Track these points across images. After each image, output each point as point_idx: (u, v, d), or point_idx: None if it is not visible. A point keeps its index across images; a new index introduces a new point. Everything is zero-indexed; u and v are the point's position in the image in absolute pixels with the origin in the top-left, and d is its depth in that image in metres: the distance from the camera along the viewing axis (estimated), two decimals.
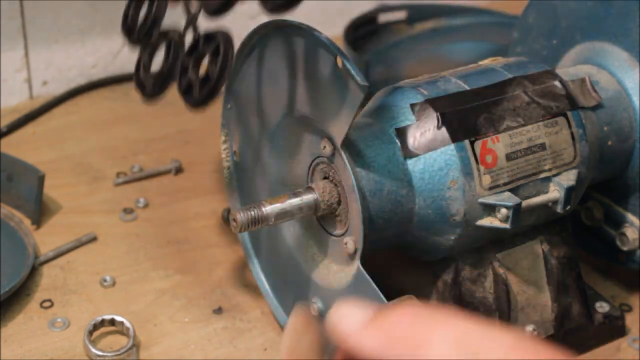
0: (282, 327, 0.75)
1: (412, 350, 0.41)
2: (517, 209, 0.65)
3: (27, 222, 0.86)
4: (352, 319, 0.43)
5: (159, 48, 0.67)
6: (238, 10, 0.62)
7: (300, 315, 0.47)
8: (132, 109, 1.05)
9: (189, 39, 0.65)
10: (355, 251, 0.64)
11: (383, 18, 1.17)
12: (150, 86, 0.66)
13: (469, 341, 0.41)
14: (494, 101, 0.67)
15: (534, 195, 0.68)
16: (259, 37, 0.68)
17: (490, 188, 0.65)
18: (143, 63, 0.67)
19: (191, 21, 0.65)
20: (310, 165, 0.66)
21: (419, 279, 0.71)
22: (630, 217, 0.77)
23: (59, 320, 0.76)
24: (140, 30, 0.68)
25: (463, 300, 0.69)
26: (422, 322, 0.42)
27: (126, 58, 1.10)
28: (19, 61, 1.04)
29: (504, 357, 0.40)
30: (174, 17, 0.68)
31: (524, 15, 0.84)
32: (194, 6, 0.64)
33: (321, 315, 0.68)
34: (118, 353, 0.72)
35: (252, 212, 0.63)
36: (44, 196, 0.87)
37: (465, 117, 0.66)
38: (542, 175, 0.68)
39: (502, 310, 0.69)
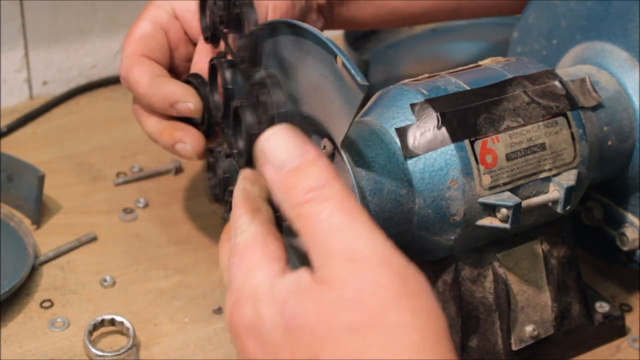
0: None
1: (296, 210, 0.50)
2: (517, 209, 0.65)
3: (27, 222, 0.86)
4: (276, 158, 0.51)
5: None
6: None
7: (249, 170, 0.57)
8: (132, 108, 1.05)
9: None
10: None
11: None
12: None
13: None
14: (494, 101, 0.67)
15: (534, 195, 0.68)
16: (261, 36, 0.68)
17: (490, 188, 0.65)
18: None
19: None
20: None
21: None
22: (630, 217, 0.77)
23: (59, 320, 0.76)
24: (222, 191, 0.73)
25: (463, 300, 0.69)
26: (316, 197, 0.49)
27: None
28: (19, 61, 1.04)
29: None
30: None
31: (524, 15, 0.84)
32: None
33: None
34: (118, 353, 0.72)
35: None
36: (44, 196, 0.87)
37: (465, 117, 0.66)
38: (542, 175, 0.68)
39: (502, 310, 0.69)
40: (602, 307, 0.77)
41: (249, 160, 0.65)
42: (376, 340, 0.46)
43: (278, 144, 0.51)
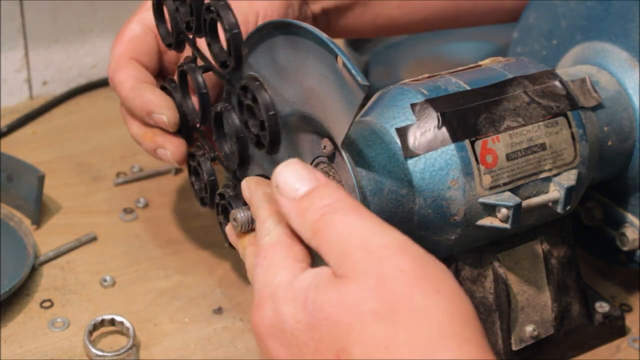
0: None
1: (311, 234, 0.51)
2: (517, 209, 0.65)
3: (27, 222, 0.86)
4: (289, 187, 0.52)
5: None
6: None
7: (251, 178, 0.60)
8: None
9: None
10: None
11: None
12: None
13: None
14: (494, 101, 0.67)
15: (534, 195, 0.68)
16: (259, 37, 0.68)
17: (491, 188, 0.65)
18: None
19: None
20: (311, 164, 0.66)
21: None
22: (630, 217, 0.77)
23: (59, 320, 0.76)
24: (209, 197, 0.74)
25: None
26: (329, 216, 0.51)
27: None
28: (19, 61, 1.04)
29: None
30: None
31: (524, 15, 0.84)
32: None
33: None
34: (118, 353, 0.72)
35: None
36: (44, 196, 0.87)
37: (466, 117, 0.66)
38: (543, 175, 0.68)
39: (502, 310, 0.69)
40: (602, 307, 0.77)
41: (242, 163, 0.66)
42: (404, 324, 0.46)
43: (289, 175, 0.53)
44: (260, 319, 0.51)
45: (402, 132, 0.65)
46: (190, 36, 0.70)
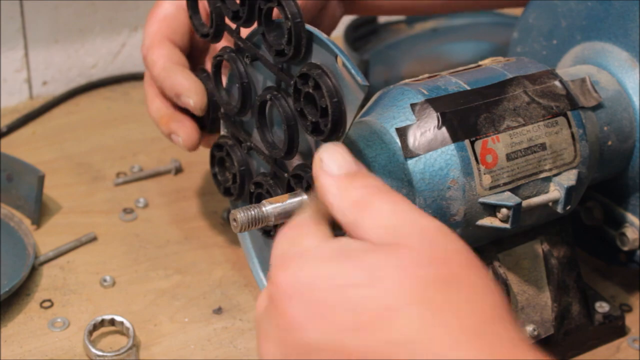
0: None
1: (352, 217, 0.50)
2: (517, 209, 0.65)
3: (27, 222, 0.86)
4: (331, 166, 0.52)
5: None
6: None
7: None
8: (132, 109, 1.05)
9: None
10: None
11: (383, 18, 1.17)
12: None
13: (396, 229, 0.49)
14: (494, 101, 0.67)
15: (534, 195, 0.68)
16: (259, 37, 0.68)
17: (491, 188, 0.65)
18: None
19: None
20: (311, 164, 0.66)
21: None
22: (630, 217, 0.77)
23: (58, 320, 0.76)
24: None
25: None
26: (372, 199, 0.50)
27: (126, 58, 1.10)
28: (18, 61, 1.04)
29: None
30: None
31: (524, 15, 0.84)
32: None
33: None
34: (118, 353, 0.72)
35: (252, 212, 0.63)
36: (44, 196, 0.87)
37: (466, 117, 0.66)
38: (543, 175, 0.68)
39: None
40: (602, 307, 0.77)
41: (288, 152, 0.65)
42: (465, 294, 0.46)
43: (336, 153, 0.53)
44: (285, 278, 0.49)
45: (402, 132, 0.65)
46: (234, 26, 0.70)
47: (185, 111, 0.77)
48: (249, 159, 0.74)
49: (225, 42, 0.74)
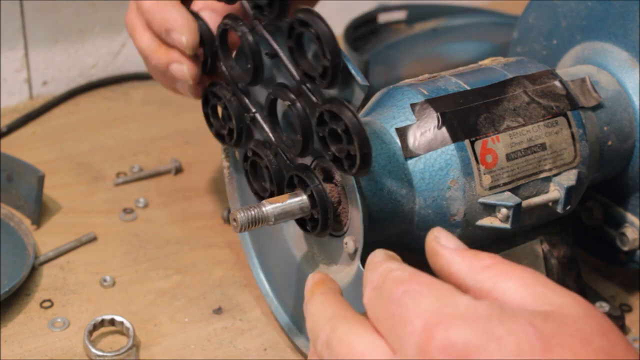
0: (282, 327, 0.75)
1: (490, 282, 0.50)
2: (517, 209, 0.65)
3: (27, 222, 0.86)
4: (448, 243, 0.52)
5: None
6: None
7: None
8: (132, 109, 1.05)
9: None
10: (356, 251, 0.64)
11: (383, 18, 1.17)
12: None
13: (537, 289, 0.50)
14: (494, 101, 0.67)
15: (534, 195, 0.68)
16: (260, 37, 0.68)
17: (491, 188, 0.65)
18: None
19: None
20: (311, 164, 0.66)
21: None
22: (630, 217, 0.77)
23: (58, 320, 0.76)
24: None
25: None
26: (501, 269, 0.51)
27: (126, 58, 1.10)
28: (18, 61, 1.04)
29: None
30: None
31: (524, 15, 0.84)
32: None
33: None
34: (118, 353, 0.72)
35: (252, 212, 0.63)
36: (44, 196, 0.87)
37: (466, 117, 0.66)
38: (543, 175, 0.68)
39: None
40: (602, 307, 0.77)
41: (304, 149, 0.64)
42: None
43: (449, 235, 0.53)
44: (444, 340, 0.46)
45: (402, 132, 0.65)
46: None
47: None
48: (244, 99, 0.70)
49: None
